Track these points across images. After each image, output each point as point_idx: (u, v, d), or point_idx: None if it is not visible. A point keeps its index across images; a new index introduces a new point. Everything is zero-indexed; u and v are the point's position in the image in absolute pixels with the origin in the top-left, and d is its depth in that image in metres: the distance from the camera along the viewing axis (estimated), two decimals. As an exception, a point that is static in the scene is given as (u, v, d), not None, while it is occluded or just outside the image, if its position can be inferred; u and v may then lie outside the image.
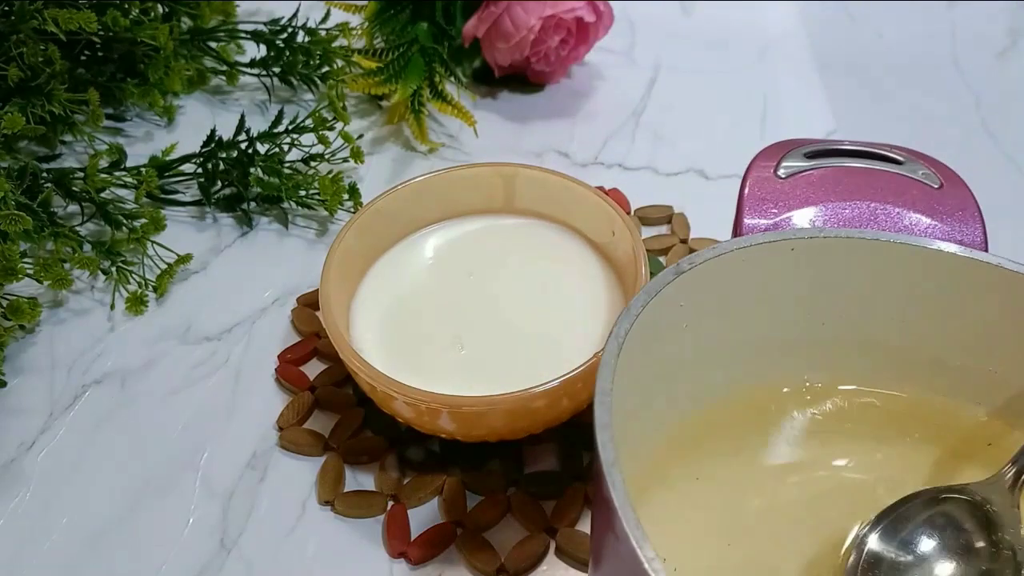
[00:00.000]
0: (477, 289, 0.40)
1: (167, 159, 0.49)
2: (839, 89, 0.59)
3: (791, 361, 0.30)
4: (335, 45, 0.55)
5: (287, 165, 0.49)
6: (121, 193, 0.47)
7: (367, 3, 0.56)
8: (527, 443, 0.37)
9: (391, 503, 0.36)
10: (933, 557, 0.26)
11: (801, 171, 0.36)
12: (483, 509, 0.35)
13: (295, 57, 0.56)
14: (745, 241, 0.27)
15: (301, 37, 0.56)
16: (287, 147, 0.49)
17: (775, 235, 0.28)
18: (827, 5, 0.68)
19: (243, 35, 0.57)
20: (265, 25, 0.56)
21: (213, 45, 0.57)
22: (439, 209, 0.43)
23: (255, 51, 0.58)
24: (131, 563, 0.34)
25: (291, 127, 0.49)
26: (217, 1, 0.58)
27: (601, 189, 0.47)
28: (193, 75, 0.56)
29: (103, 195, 0.46)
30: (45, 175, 0.46)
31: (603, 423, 0.22)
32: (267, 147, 0.48)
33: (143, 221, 0.45)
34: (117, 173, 0.47)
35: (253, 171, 0.48)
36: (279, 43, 0.56)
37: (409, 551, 0.34)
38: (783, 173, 0.36)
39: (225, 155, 0.48)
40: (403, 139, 0.54)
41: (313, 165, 0.49)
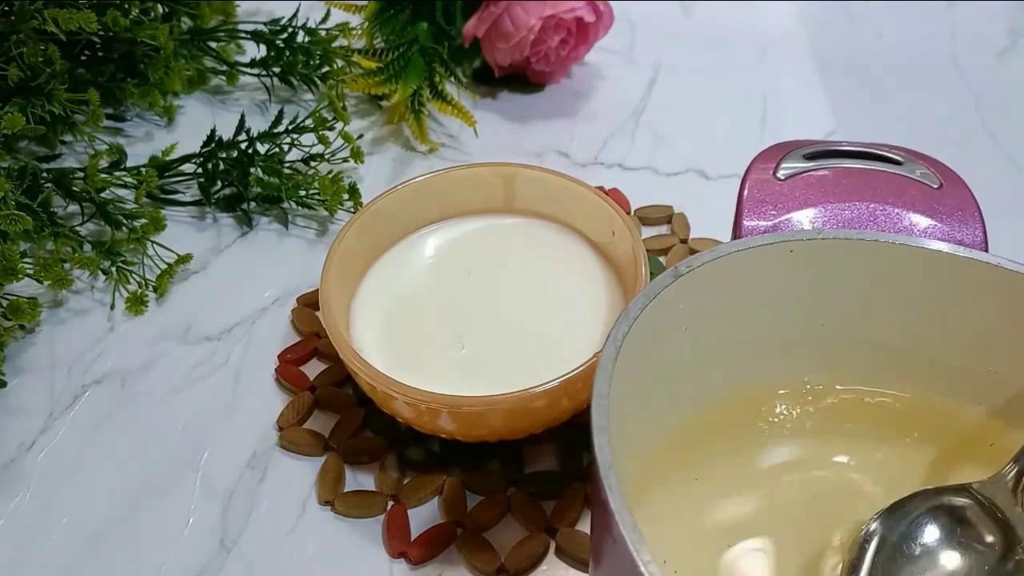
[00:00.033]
0: (477, 289, 0.40)
1: (167, 159, 0.49)
2: (839, 89, 0.59)
3: (791, 362, 0.30)
4: (335, 45, 0.55)
5: (287, 165, 0.49)
6: (121, 193, 0.47)
7: (367, 3, 0.56)
8: (527, 443, 0.37)
9: (391, 503, 0.36)
10: (934, 556, 0.26)
11: (800, 172, 0.36)
12: (483, 509, 0.35)
13: (295, 57, 0.56)
14: (744, 243, 0.27)
15: (301, 37, 0.56)
16: (287, 147, 0.49)
17: (774, 237, 0.28)
18: (827, 5, 0.67)
19: (243, 35, 0.57)
20: (265, 25, 0.56)
21: (213, 45, 0.57)
22: (439, 209, 0.43)
23: (255, 51, 0.58)
24: (131, 563, 0.34)
25: (291, 127, 0.49)
26: (217, 1, 0.58)
27: (601, 189, 0.47)
28: (193, 75, 0.56)
29: (103, 195, 0.46)
30: (45, 175, 0.46)
31: (600, 426, 0.22)
32: (267, 147, 0.48)
33: (143, 221, 0.45)
34: (117, 173, 0.47)
35: (253, 171, 0.48)
36: (279, 43, 0.56)
37: (409, 551, 0.34)
38: (782, 175, 0.36)
39: (225, 155, 0.48)
40: (403, 139, 0.54)
41: (313, 165, 0.49)
